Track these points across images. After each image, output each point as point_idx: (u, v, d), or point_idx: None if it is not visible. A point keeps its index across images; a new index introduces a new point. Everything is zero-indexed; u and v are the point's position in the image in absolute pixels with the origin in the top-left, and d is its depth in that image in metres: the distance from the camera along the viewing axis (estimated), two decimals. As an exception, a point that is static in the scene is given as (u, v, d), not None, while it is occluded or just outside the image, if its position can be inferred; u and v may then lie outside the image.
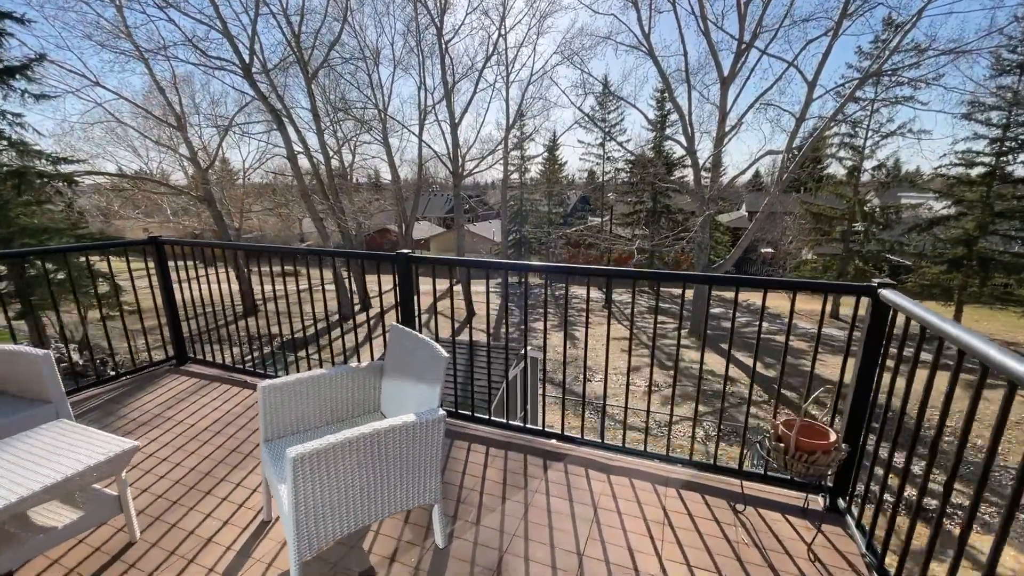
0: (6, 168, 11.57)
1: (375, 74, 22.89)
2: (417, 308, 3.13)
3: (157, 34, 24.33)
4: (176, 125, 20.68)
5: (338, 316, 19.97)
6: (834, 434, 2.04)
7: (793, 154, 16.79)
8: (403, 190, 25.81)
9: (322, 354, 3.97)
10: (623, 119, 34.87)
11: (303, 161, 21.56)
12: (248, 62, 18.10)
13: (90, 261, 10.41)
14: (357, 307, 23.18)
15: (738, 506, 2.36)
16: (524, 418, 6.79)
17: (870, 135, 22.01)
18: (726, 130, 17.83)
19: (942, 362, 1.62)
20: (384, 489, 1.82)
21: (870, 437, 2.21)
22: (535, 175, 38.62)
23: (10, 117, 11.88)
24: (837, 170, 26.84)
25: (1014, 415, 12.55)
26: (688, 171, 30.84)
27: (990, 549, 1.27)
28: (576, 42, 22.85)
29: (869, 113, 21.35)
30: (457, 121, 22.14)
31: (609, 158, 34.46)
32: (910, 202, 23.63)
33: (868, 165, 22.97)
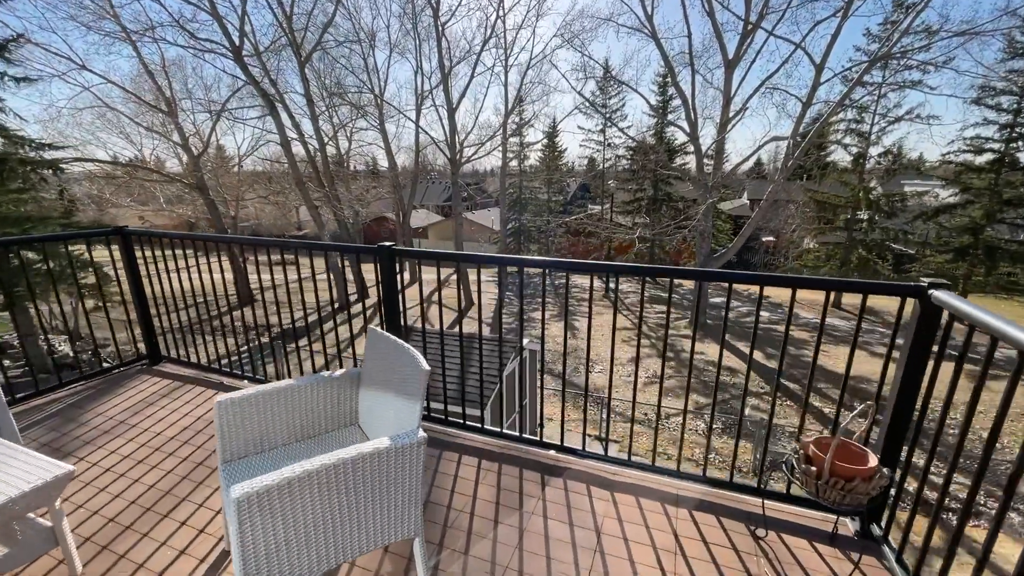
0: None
1: (371, 58, 22.31)
2: (402, 304, 2.85)
3: (144, 15, 23.63)
4: (166, 111, 20.19)
5: (332, 308, 19.70)
6: (874, 457, 1.78)
7: (798, 140, 16.38)
8: (400, 177, 25.36)
9: (301, 357, 3.69)
10: (624, 104, 34.24)
11: (298, 148, 21.13)
12: (238, 45, 17.55)
13: (69, 251, 10.12)
14: (353, 297, 22.89)
15: (759, 531, 2.11)
16: (520, 415, 6.56)
17: (877, 120, 21.54)
18: (730, 115, 17.38)
19: (993, 372, 1.35)
20: (353, 526, 1.56)
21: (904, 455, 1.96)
22: (534, 162, 38.05)
23: (-10, 101, 11.46)
24: (841, 157, 26.39)
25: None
26: (690, 158, 30.34)
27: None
28: (576, 24, 22.26)
29: (876, 98, 20.85)
30: (454, 106, 21.63)
31: (610, 145, 33.92)
32: (915, 190, 23.23)
33: (874, 152, 22.54)
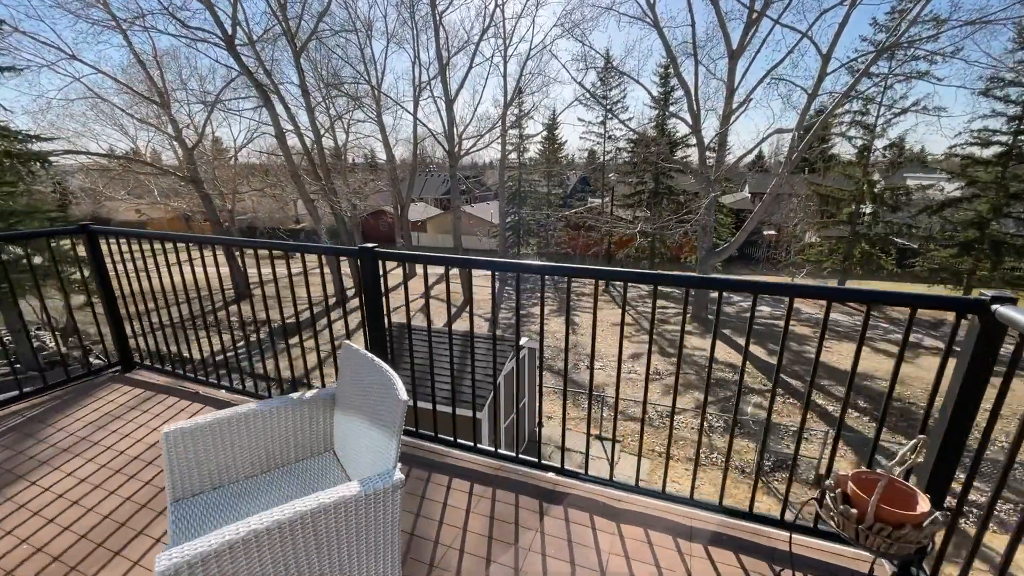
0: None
1: (367, 48, 21.87)
2: (387, 309, 2.60)
3: (133, 2, 23.04)
4: (159, 102, 19.79)
5: (327, 305, 19.44)
6: (925, 499, 1.54)
7: (801, 133, 16.04)
8: (398, 170, 24.99)
9: (279, 365, 3.44)
10: (625, 96, 33.82)
11: (295, 141, 20.75)
12: (231, 34, 17.13)
13: (51, 246, 9.84)
14: (351, 291, 22.63)
15: (784, 573, 1.87)
16: (517, 416, 6.30)
17: (882, 112, 21.19)
18: (733, 107, 17.02)
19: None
20: (316, 588, 1.32)
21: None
22: (534, 155, 37.62)
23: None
24: (843, 150, 26.03)
25: None
26: (691, 151, 29.98)
27: None
28: (577, 13, 21.73)
29: (882, 89, 20.48)
30: (452, 98, 21.23)
31: (610, 137, 33.49)
32: (919, 183, 22.92)
33: (879, 144, 22.21)
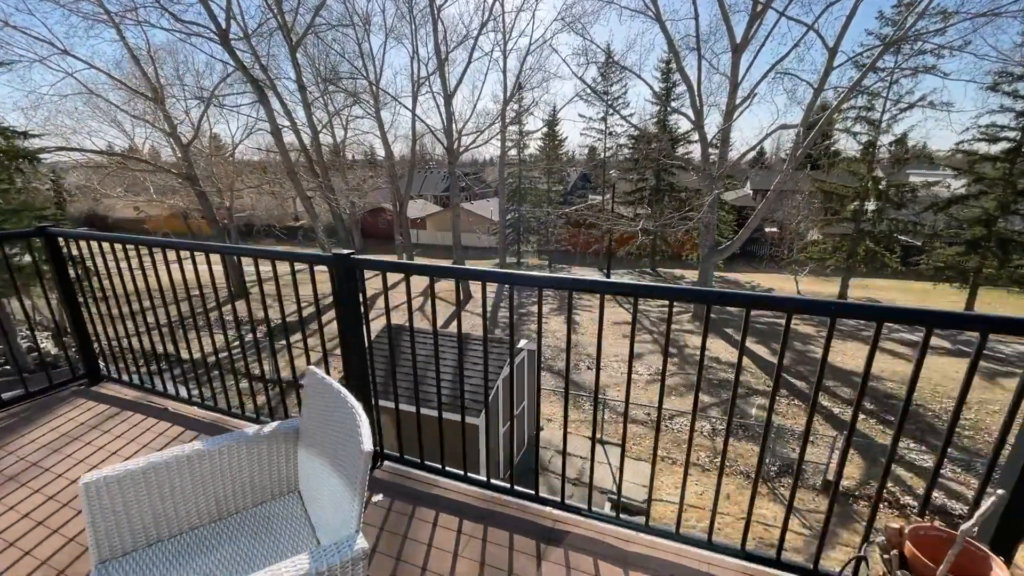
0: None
1: (365, 43, 21.57)
2: (366, 323, 2.33)
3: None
4: (153, 97, 19.48)
5: (317, 310, 19.16)
6: (1001, 567, 1.27)
7: (806, 130, 15.72)
8: (397, 167, 24.69)
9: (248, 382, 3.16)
10: (626, 92, 33.39)
11: (292, 137, 20.43)
12: (225, 27, 16.80)
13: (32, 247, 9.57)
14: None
15: (821, 636, 1.61)
16: (512, 428, 6.09)
17: (888, 108, 20.84)
18: (737, 102, 16.69)
19: None
20: None
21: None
22: (534, 151, 37.26)
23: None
24: (847, 146, 25.69)
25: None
26: (693, 147, 29.64)
27: None
28: (578, 7, 21.26)
29: (888, 84, 20.12)
30: (451, 93, 20.88)
31: (611, 133, 33.15)
32: (924, 180, 22.61)
33: (884, 140, 21.87)
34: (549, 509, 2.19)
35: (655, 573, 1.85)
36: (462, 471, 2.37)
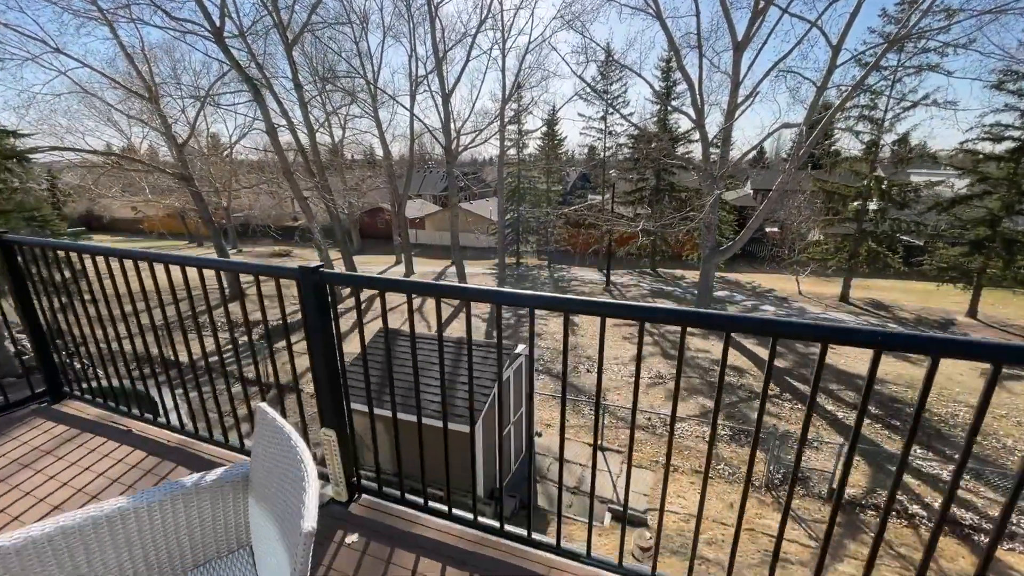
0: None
1: (363, 42, 21.33)
2: (338, 343, 2.09)
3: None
4: (147, 96, 19.23)
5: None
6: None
7: (808, 129, 15.49)
8: (395, 167, 24.48)
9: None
10: (626, 90, 33.17)
11: (289, 136, 20.22)
12: (220, 25, 16.56)
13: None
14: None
15: None
16: (499, 446, 5.87)
17: (891, 106, 20.60)
18: (738, 101, 16.46)
19: None
20: None
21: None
22: (533, 151, 37.01)
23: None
24: (849, 145, 25.44)
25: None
26: (693, 146, 29.40)
27: None
28: (577, 4, 21.16)
29: (891, 83, 19.89)
30: (449, 92, 20.67)
31: (611, 133, 32.89)
32: (927, 180, 22.37)
33: (887, 139, 21.63)
34: (542, 553, 1.96)
35: (662, 635, 1.62)
36: (446, 507, 2.14)
